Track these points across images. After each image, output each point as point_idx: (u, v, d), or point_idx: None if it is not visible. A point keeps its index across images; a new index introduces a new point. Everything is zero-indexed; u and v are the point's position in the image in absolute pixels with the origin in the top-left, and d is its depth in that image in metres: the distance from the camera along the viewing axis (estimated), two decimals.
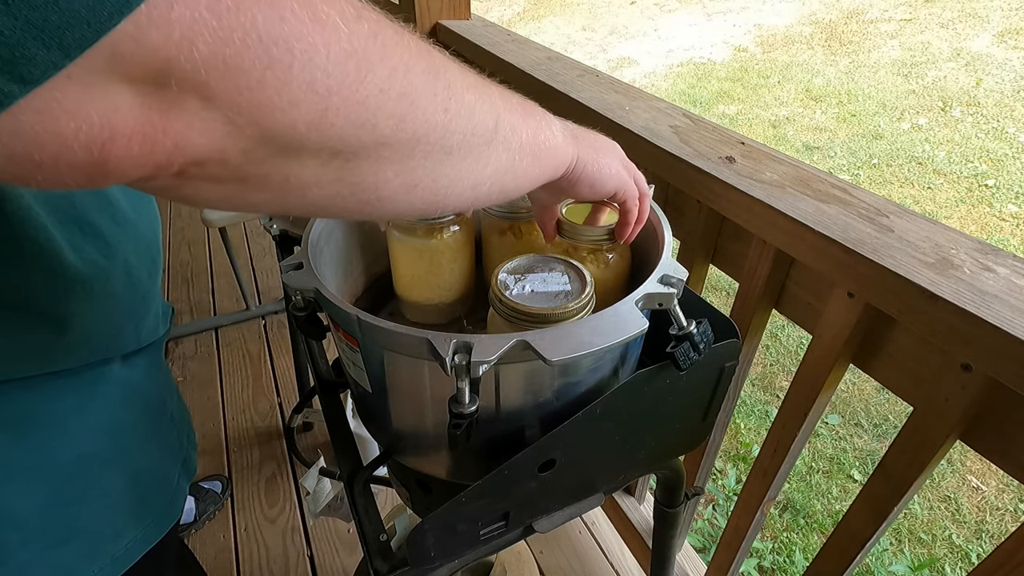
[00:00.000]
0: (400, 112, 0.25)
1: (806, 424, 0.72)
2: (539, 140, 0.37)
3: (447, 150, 0.29)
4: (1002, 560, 0.54)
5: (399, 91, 0.25)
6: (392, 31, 0.25)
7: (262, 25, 0.19)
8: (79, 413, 0.47)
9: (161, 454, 0.56)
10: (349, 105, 0.23)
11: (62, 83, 0.17)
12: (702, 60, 5.43)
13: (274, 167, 0.23)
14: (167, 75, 0.18)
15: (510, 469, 0.45)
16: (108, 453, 0.50)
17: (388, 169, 0.27)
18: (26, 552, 0.45)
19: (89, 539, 0.49)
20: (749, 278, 0.73)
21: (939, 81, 4.40)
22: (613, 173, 0.46)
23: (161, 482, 0.56)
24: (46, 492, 0.46)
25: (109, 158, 0.19)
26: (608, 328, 0.40)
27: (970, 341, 0.48)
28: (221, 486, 1.46)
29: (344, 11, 0.22)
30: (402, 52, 0.25)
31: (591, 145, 0.45)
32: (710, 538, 1.61)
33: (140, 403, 0.53)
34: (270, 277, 2.25)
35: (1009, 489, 1.81)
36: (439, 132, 0.28)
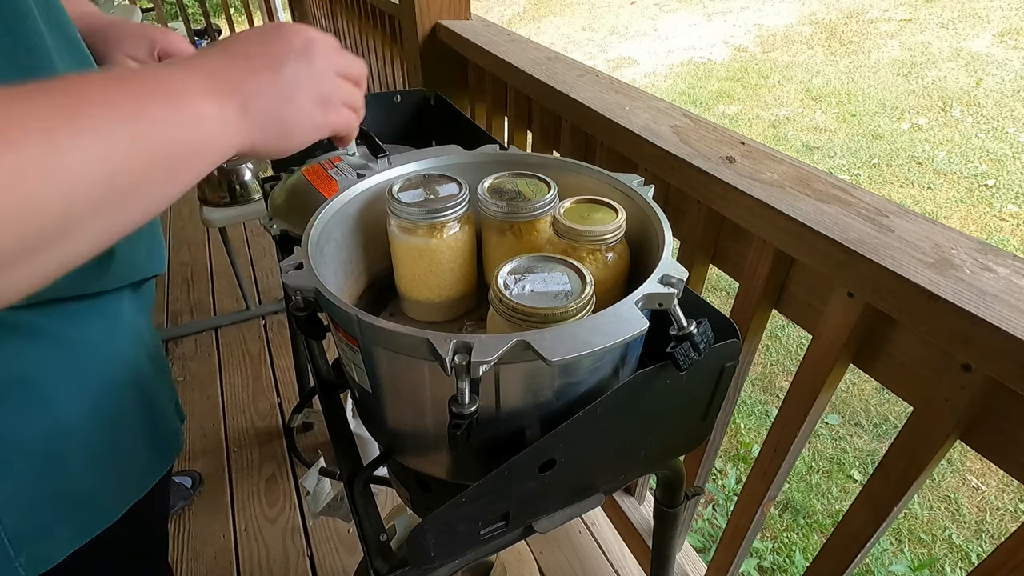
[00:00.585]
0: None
1: (806, 424, 0.72)
2: (168, 150, 0.28)
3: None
4: (1002, 560, 0.54)
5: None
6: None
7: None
8: (101, 323, 0.49)
9: (163, 387, 0.60)
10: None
11: None
12: (702, 60, 5.43)
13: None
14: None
15: (510, 469, 0.45)
16: (126, 373, 0.53)
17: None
18: (73, 464, 0.48)
19: (119, 460, 0.53)
20: (749, 278, 0.73)
21: (939, 81, 4.40)
22: (308, 127, 0.37)
23: (164, 415, 0.60)
24: (88, 403, 0.49)
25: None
26: (608, 328, 0.40)
27: (970, 341, 0.48)
28: (191, 480, 1.47)
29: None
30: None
31: (270, 103, 0.34)
32: (710, 538, 1.61)
33: (143, 333, 0.56)
34: (270, 277, 2.25)
35: (1009, 489, 1.81)
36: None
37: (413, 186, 0.58)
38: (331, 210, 0.55)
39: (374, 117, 1.08)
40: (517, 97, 1.17)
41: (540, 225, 0.57)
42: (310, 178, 0.87)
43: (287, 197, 0.88)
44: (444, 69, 1.42)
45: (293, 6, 3.15)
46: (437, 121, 1.13)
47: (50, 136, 0.23)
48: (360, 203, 0.59)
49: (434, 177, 0.60)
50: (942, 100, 4.19)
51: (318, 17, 2.85)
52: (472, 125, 1.02)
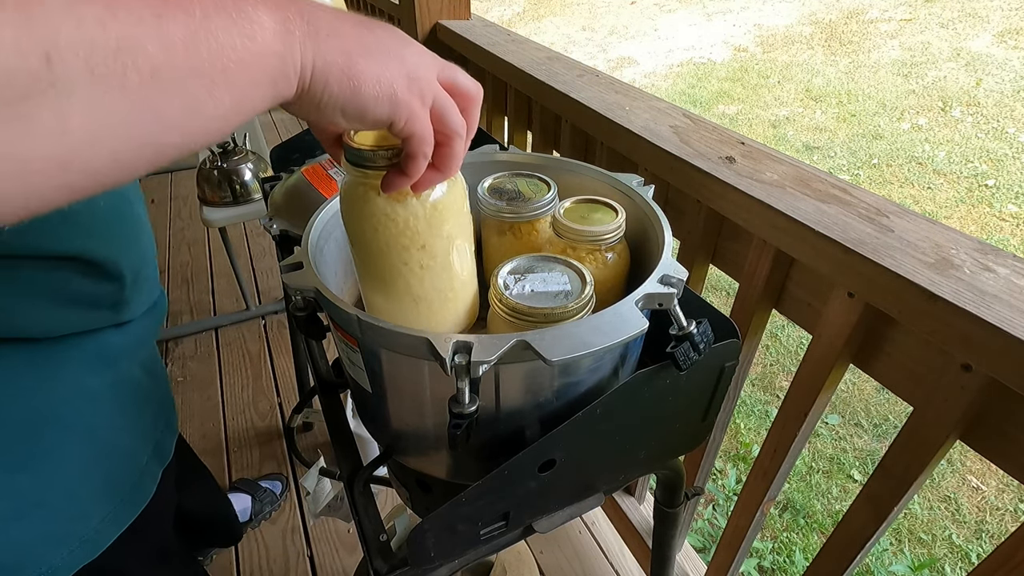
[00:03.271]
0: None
1: (806, 424, 0.72)
2: (206, 47, 0.23)
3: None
4: (1002, 560, 0.54)
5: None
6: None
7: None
8: (36, 369, 0.43)
9: (130, 432, 0.53)
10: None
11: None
12: (702, 60, 5.43)
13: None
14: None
15: (510, 469, 0.45)
16: (69, 420, 0.46)
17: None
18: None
19: (50, 515, 0.46)
20: (749, 278, 0.73)
21: (939, 81, 4.40)
22: (383, 92, 0.30)
23: (128, 460, 0.53)
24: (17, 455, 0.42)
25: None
26: (608, 328, 0.40)
27: (970, 341, 0.48)
28: (281, 486, 1.45)
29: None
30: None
31: (347, 44, 0.29)
32: (710, 538, 1.61)
33: (112, 373, 0.50)
34: (270, 277, 2.25)
35: (1009, 489, 1.81)
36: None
37: None
38: (331, 210, 0.55)
39: None
40: (517, 97, 1.17)
41: (540, 225, 0.57)
42: (310, 178, 0.87)
43: (287, 197, 0.88)
44: None
45: None
46: None
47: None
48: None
49: None
50: (942, 100, 4.19)
51: None
52: None
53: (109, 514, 0.51)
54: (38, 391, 0.45)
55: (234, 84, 0.25)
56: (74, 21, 0.20)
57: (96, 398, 0.49)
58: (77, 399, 0.48)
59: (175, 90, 0.23)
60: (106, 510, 0.51)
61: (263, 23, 0.26)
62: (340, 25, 0.29)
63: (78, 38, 0.20)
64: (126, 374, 0.53)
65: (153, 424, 0.58)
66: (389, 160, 0.37)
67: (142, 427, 0.56)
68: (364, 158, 0.37)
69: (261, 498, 1.40)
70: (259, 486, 1.42)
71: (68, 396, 0.47)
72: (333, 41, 0.29)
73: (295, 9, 0.28)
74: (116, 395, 0.51)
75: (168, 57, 0.22)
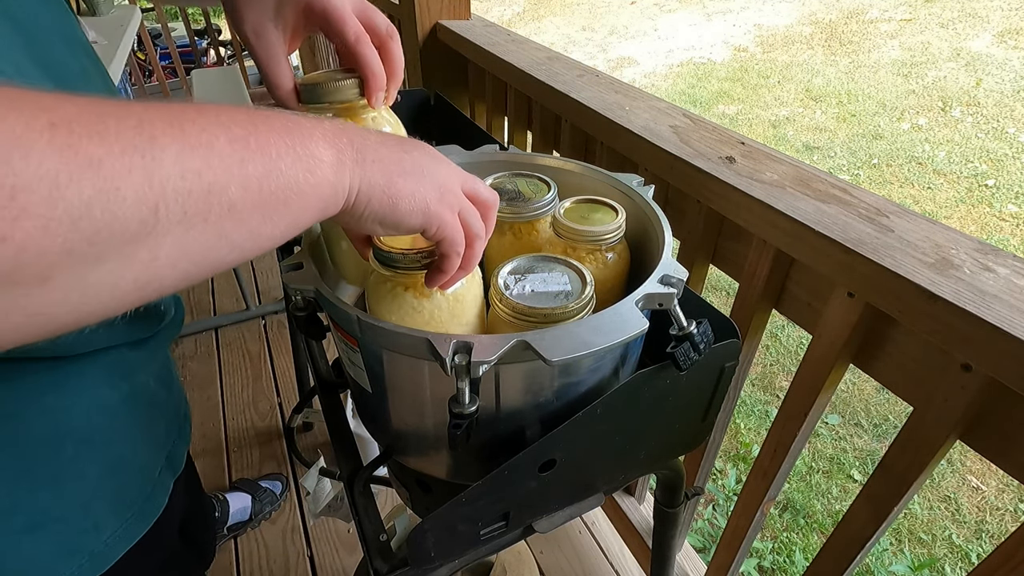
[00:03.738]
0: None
1: (806, 424, 0.72)
2: (275, 182, 0.27)
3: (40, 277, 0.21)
4: (1002, 560, 0.54)
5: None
6: None
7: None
8: (59, 388, 0.44)
9: (145, 443, 0.54)
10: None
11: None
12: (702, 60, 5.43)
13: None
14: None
15: (510, 469, 0.45)
16: (85, 434, 0.47)
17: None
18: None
19: (66, 528, 0.47)
20: (749, 278, 0.73)
21: (939, 81, 4.40)
22: (417, 207, 0.35)
23: (141, 472, 0.53)
24: (15, 469, 0.43)
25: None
26: (608, 328, 0.40)
27: (970, 341, 0.48)
28: (280, 486, 1.45)
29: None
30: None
31: (388, 167, 0.34)
32: (710, 538, 1.61)
33: (128, 386, 0.51)
34: (270, 277, 2.25)
35: (1009, 489, 1.81)
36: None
37: None
38: None
39: None
40: (517, 97, 1.17)
41: (540, 225, 0.57)
42: None
43: None
44: (444, 69, 1.42)
45: None
46: (437, 121, 1.13)
47: (147, 135, 0.22)
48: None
49: None
50: (942, 100, 4.19)
51: None
52: (472, 125, 1.02)
53: (120, 528, 0.51)
54: (60, 407, 0.45)
55: (291, 211, 0.29)
56: (180, 172, 0.23)
57: (112, 412, 0.49)
58: (94, 413, 0.48)
59: (244, 220, 0.26)
60: (118, 524, 0.51)
61: (322, 158, 0.30)
62: (382, 149, 0.34)
63: (183, 189, 0.23)
64: (141, 386, 0.53)
65: (166, 435, 0.57)
66: (417, 262, 0.42)
67: (155, 439, 0.56)
68: (394, 260, 0.42)
69: (261, 498, 1.40)
70: (259, 486, 1.42)
71: (86, 411, 0.47)
72: (376, 165, 0.33)
73: (347, 139, 0.32)
74: (131, 408, 0.51)
75: (244, 194, 0.26)
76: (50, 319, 0.23)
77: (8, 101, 0.20)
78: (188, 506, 0.66)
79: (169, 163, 0.23)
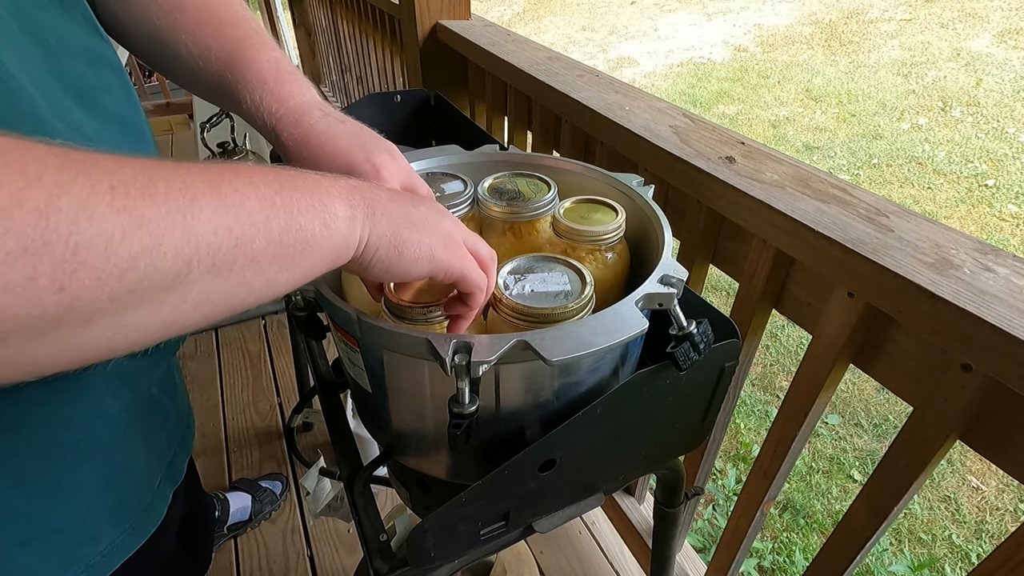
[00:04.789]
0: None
1: (806, 424, 0.72)
2: (294, 236, 0.30)
3: (78, 321, 0.23)
4: (1002, 560, 0.54)
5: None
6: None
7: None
8: (60, 397, 0.44)
9: (145, 453, 0.53)
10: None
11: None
12: (702, 60, 5.43)
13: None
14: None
15: (510, 469, 0.45)
16: (86, 444, 0.46)
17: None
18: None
19: (61, 540, 0.46)
20: (749, 278, 0.73)
21: (939, 81, 4.40)
22: (423, 255, 0.37)
23: (140, 483, 0.53)
24: (12, 480, 0.42)
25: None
26: (608, 328, 0.40)
27: (970, 341, 0.48)
28: (280, 486, 1.45)
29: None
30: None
31: (395, 220, 0.36)
32: (710, 538, 1.61)
33: (130, 394, 0.50)
34: None
35: (1009, 489, 1.81)
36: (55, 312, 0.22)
37: None
38: None
39: (374, 117, 1.08)
40: (517, 97, 1.17)
41: (540, 225, 0.57)
42: None
43: None
44: (444, 69, 1.42)
45: (293, 6, 3.15)
46: (437, 121, 1.13)
47: (189, 196, 0.25)
48: None
49: (438, 175, 0.60)
50: (942, 100, 4.19)
51: (318, 17, 2.85)
52: (472, 125, 1.02)
53: (118, 539, 0.51)
54: (60, 417, 0.45)
55: (307, 260, 0.31)
56: (213, 229, 0.26)
57: (114, 421, 0.49)
58: (95, 423, 0.47)
59: (264, 269, 0.29)
60: (116, 534, 0.50)
61: (337, 213, 0.32)
62: (391, 204, 0.37)
63: (214, 244, 0.26)
64: (144, 394, 0.52)
65: (167, 444, 0.57)
66: (423, 314, 0.44)
67: (156, 449, 0.55)
68: (403, 311, 0.44)
69: (261, 498, 1.40)
70: (259, 486, 1.42)
71: (87, 420, 0.47)
72: (385, 219, 0.36)
73: (359, 195, 0.35)
74: (133, 417, 0.51)
75: (267, 247, 0.29)
76: (85, 354, 0.25)
77: (76, 165, 0.22)
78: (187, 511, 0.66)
79: (205, 221, 0.25)
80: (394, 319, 0.45)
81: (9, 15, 0.37)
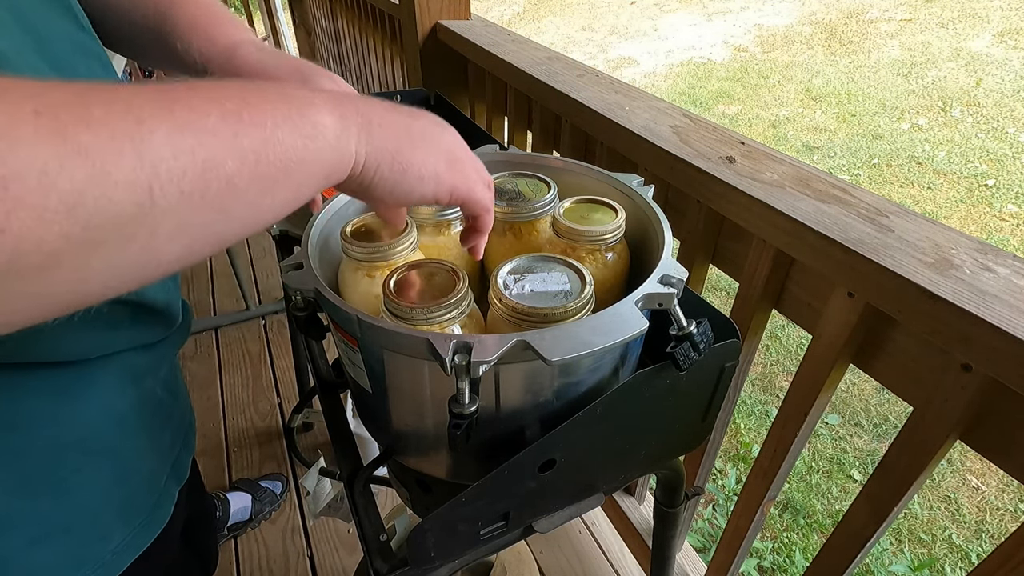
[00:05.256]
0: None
1: (806, 424, 0.72)
2: (273, 153, 0.27)
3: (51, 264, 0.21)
4: (1002, 560, 0.54)
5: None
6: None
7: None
8: (67, 395, 0.44)
9: (151, 451, 0.53)
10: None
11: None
12: (702, 60, 5.43)
13: None
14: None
15: (510, 469, 0.45)
16: (92, 443, 0.46)
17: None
18: (2, 547, 0.42)
19: (73, 538, 0.46)
20: (749, 278, 0.73)
21: (939, 81, 4.40)
22: (427, 175, 0.35)
23: (147, 481, 0.53)
24: (20, 480, 0.42)
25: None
26: (608, 328, 0.40)
27: (970, 341, 0.48)
28: (280, 486, 1.45)
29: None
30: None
31: (397, 133, 0.34)
32: (710, 538, 1.61)
33: (136, 392, 0.50)
34: (270, 277, 2.25)
35: (1009, 489, 1.81)
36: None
37: None
38: (331, 210, 0.55)
39: None
40: (517, 97, 1.17)
41: (540, 225, 0.57)
42: None
43: None
44: (444, 69, 1.42)
45: (293, 6, 3.15)
46: None
47: (134, 118, 0.22)
48: (360, 203, 0.59)
49: None
50: (942, 100, 4.19)
51: (318, 17, 2.85)
52: (472, 125, 1.02)
53: (128, 536, 0.50)
54: (67, 416, 0.44)
55: (293, 180, 0.28)
56: (172, 153, 0.23)
57: (120, 420, 0.48)
58: (102, 421, 0.47)
59: (242, 193, 0.26)
60: (125, 533, 0.50)
61: (324, 123, 0.29)
62: (389, 116, 0.33)
63: (176, 168, 0.23)
64: (149, 393, 0.52)
65: (171, 444, 0.57)
66: (423, 314, 0.43)
67: (161, 447, 0.55)
68: (403, 311, 0.43)
69: (261, 498, 1.40)
70: (259, 486, 1.42)
71: (93, 419, 0.46)
72: (384, 131, 0.32)
73: (352, 106, 0.31)
74: (139, 415, 0.51)
75: (241, 167, 0.25)
76: (54, 301, 0.23)
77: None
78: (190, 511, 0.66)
79: (159, 144, 0.23)
80: (394, 319, 0.45)
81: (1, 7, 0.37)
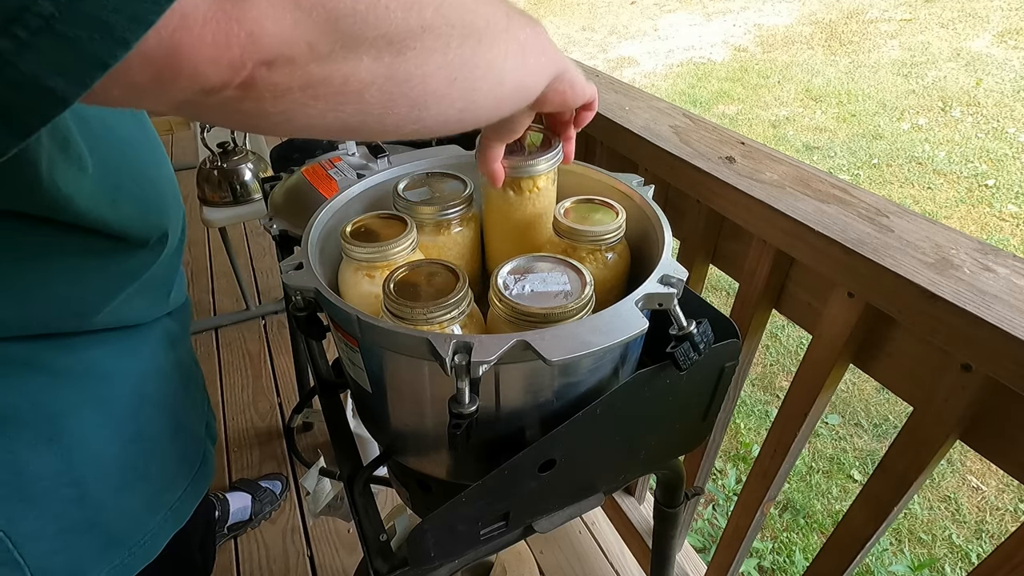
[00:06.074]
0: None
1: (806, 424, 0.72)
2: (537, 39, 0.36)
3: (477, 37, 0.29)
4: (1002, 560, 0.54)
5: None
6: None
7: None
8: (134, 352, 0.51)
9: (191, 410, 0.60)
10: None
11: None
12: (702, 60, 5.42)
13: (334, 66, 0.24)
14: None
15: (510, 469, 0.45)
16: (156, 397, 0.53)
17: (431, 61, 0.27)
18: (99, 490, 0.48)
19: (150, 485, 0.53)
20: (749, 278, 0.73)
21: (939, 81, 4.40)
22: (579, 80, 0.44)
23: (194, 437, 0.60)
24: (112, 427, 0.49)
25: (181, 48, 0.18)
26: (608, 328, 0.40)
27: (970, 341, 0.48)
28: (280, 486, 1.45)
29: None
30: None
31: (559, 55, 0.43)
32: (710, 538, 1.61)
33: (176, 355, 0.57)
34: (270, 277, 2.25)
35: (1009, 489, 1.80)
36: (470, 16, 0.29)
37: (418, 184, 0.58)
38: (331, 210, 0.55)
39: None
40: None
41: (542, 182, 0.55)
42: (310, 178, 0.87)
43: (287, 197, 0.88)
44: None
45: None
46: None
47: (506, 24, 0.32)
48: (360, 203, 0.59)
49: (438, 175, 0.60)
50: (942, 100, 4.19)
51: None
52: None
53: (188, 485, 0.58)
54: (135, 371, 0.52)
55: (543, 59, 0.37)
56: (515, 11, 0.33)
57: (168, 377, 0.56)
58: (158, 378, 0.54)
59: (528, 51, 0.35)
60: (186, 482, 0.57)
61: (542, 33, 0.37)
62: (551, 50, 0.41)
63: (515, 15, 0.33)
64: (183, 356, 0.60)
65: (202, 405, 0.64)
66: (423, 314, 0.44)
67: (197, 407, 0.62)
68: (403, 311, 0.44)
69: (261, 498, 1.40)
70: (259, 486, 1.42)
71: (152, 375, 0.54)
72: (559, 55, 0.40)
73: (554, 52, 0.39)
74: (180, 375, 0.58)
75: (530, 34, 0.34)
76: (468, 84, 0.30)
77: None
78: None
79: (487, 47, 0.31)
80: (394, 319, 0.45)
81: None
